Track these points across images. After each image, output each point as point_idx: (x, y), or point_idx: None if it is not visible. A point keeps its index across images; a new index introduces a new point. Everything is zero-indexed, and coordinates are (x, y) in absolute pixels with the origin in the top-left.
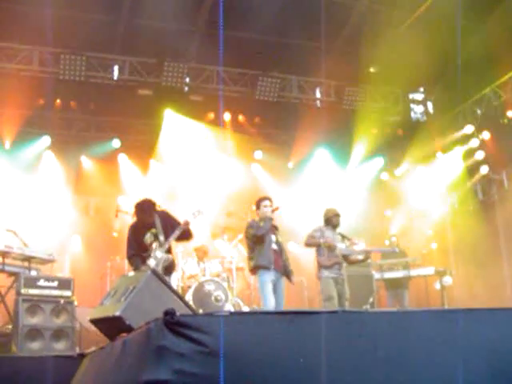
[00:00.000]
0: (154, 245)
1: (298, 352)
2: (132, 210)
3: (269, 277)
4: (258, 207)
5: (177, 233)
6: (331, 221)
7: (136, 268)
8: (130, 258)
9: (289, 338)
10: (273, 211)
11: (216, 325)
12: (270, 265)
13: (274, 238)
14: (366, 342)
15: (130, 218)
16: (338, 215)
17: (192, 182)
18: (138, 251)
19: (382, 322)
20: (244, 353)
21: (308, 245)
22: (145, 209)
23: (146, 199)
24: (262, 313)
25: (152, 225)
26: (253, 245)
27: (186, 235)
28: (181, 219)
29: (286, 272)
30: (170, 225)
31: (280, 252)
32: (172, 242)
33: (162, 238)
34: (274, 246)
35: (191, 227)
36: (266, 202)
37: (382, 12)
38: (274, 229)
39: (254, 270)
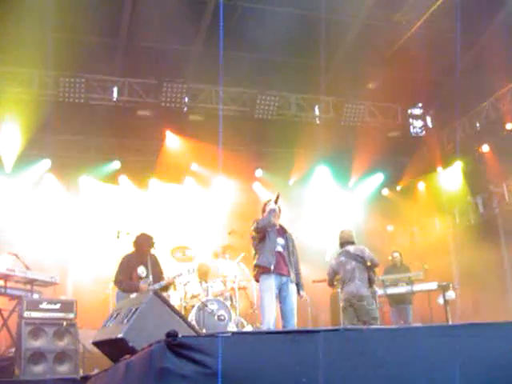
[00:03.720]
0: (145, 281)
1: (300, 372)
2: (132, 240)
3: (270, 283)
4: (263, 211)
5: (162, 284)
6: None
7: (128, 291)
8: (121, 282)
9: (291, 357)
10: (275, 202)
11: (218, 346)
12: (270, 265)
13: (280, 240)
14: (367, 359)
15: (131, 239)
16: None
17: (192, 202)
18: (125, 279)
19: (383, 339)
20: (246, 373)
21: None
22: (144, 244)
23: (147, 235)
24: (264, 333)
25: (145, 262)
26: (257, 245)
27: (166, 288)
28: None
29: (296, 280)
30: (157, 271)
31: (288, 257)
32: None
33: (150, 277)
34: (280, 249)
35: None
36: (271, 202)
37: (379, 28)
38: (282, 231)
39: (257, 274)
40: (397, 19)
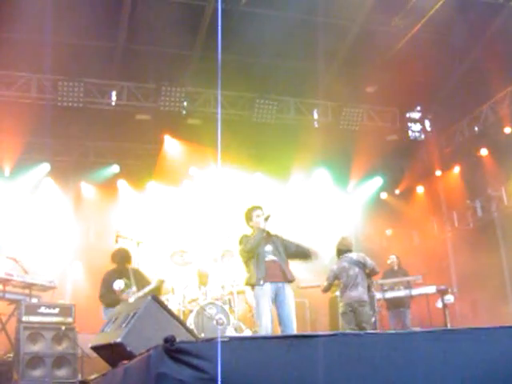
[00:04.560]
0: (127, 291)
1: (298, 377)
2: (110, 256)
3: (263, 292)
4: (249, 219)
5: (145, 290)
6: None
7: (111, 304)
8: (103, 297)
9: (289, 362)
10: (265, 220)
11: (216, 351)
12: (260, 281)
13: (269, 247)
14: (365, 364)
15: (129, 244)
16: None
17: (191, 206)
18: (107, 294)
19: (380, 343)
20: (244, 378)
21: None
22: (121, 259)
23: (123, 250)
24: (262, 337)
25: (126, 275)
26: (247, 261)
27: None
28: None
29: (304, 252)
30: (141, 280)
31: (280, 261)
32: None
33: (134, 288)
34: (271, 257)
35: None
36: (259, 212)
37: (377, 32)
38: (269, 237)
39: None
40: (395, 23)
